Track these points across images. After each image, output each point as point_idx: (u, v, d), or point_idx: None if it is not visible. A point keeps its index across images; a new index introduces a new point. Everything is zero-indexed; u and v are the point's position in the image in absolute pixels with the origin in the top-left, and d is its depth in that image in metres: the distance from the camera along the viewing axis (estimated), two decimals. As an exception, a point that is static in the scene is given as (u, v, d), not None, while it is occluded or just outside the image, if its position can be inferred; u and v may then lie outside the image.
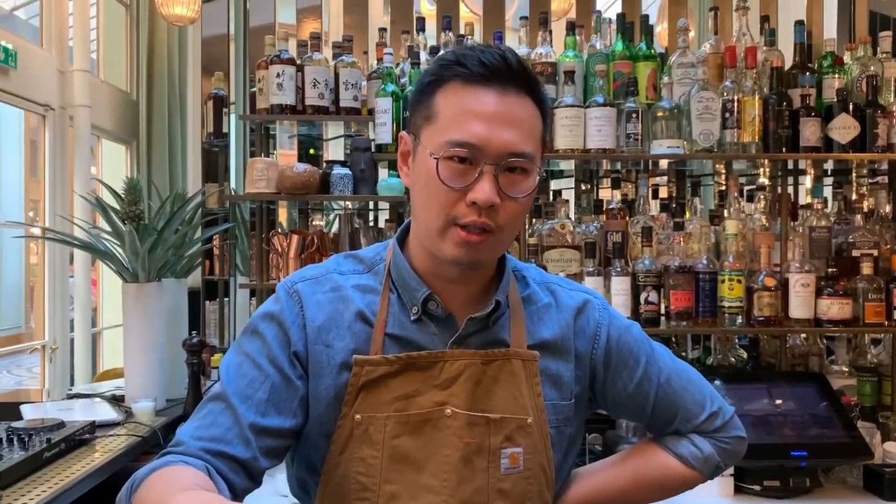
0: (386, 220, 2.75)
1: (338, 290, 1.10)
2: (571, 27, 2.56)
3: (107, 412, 2.35)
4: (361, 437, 1.05)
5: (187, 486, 0.89)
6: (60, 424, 2.07)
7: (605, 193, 3.17)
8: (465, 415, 1.05)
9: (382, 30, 2.69)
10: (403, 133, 1.11)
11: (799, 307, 2.36)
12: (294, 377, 1.06)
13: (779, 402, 2.34)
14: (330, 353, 1.07)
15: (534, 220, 2.63)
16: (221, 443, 1.00)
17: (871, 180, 2.86)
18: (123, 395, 2.60)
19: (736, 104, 2.39)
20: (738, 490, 2.23)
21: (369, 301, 1.09)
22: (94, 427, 2.15)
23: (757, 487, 2.21)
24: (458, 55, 1.03)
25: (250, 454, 1.01)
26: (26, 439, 1.88)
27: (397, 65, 2.59)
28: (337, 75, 2.51)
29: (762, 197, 2.71)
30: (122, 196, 2.50)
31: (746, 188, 2.95)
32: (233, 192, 2.78)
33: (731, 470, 2.22)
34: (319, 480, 1.09)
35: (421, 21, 2.68)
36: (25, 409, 2.24)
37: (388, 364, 1.05)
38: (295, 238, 2.45)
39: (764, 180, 2.82)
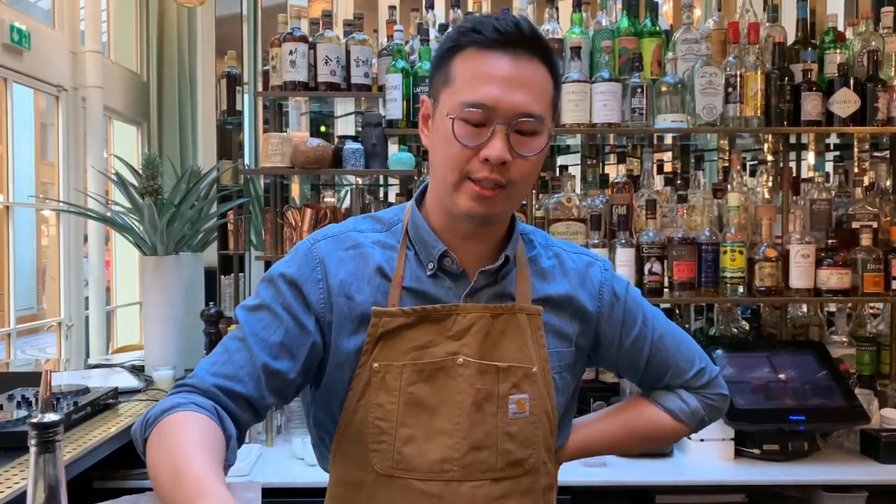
0: (396, 194, 2.80)
1: (357, 247, 1.16)
2: (578, 4, 2.61)
3: (128, 380, 2.44)
4: (379, 384, 1.11)
5: (195, 442, 0.94)
6: (86, 390, 2.16)
7: (611, 169, 3.23)
8: (475, 363, 1.12)
9: (392, 7, 2.73)
10: (424, 97, 1.17)
11: (799, 277, 2.42)
12: (308, 325, 1.11)
13: (779, 369, 2.41)
14: (351, 306, 1.12)
15: (541, 194, 2.68)
16: (234, 380, 1.06)
17: (875, 153, 2.89)
18: (142, 366, 2.69)
19: (738, 79, 2.44)
20: (739, 454, 2.30)
21: (388, 257, 1.15)
22: (117, 393, 2.24)
23: (756, 451, 2.28)
24: (475, 22, 1.09)
25: (259, 393, 1.07)
26: (55, 403, 1.96)
27: (407, 42, 2.63)
28: (348, 52, 2.55)
29: (764, 171, 2.76)
30: (140, 172, 2.58)
31: (749, 163, 2.99)
32: (247, 168, 2.84)
33: (731, 434, 2.29)
34: (337, 426, 1.15)
35: (430, -1, 2.73)
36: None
37: (405, 316, 1.12)
38: (308, 212, 2.51)
39: (767, 156, 2.87)
